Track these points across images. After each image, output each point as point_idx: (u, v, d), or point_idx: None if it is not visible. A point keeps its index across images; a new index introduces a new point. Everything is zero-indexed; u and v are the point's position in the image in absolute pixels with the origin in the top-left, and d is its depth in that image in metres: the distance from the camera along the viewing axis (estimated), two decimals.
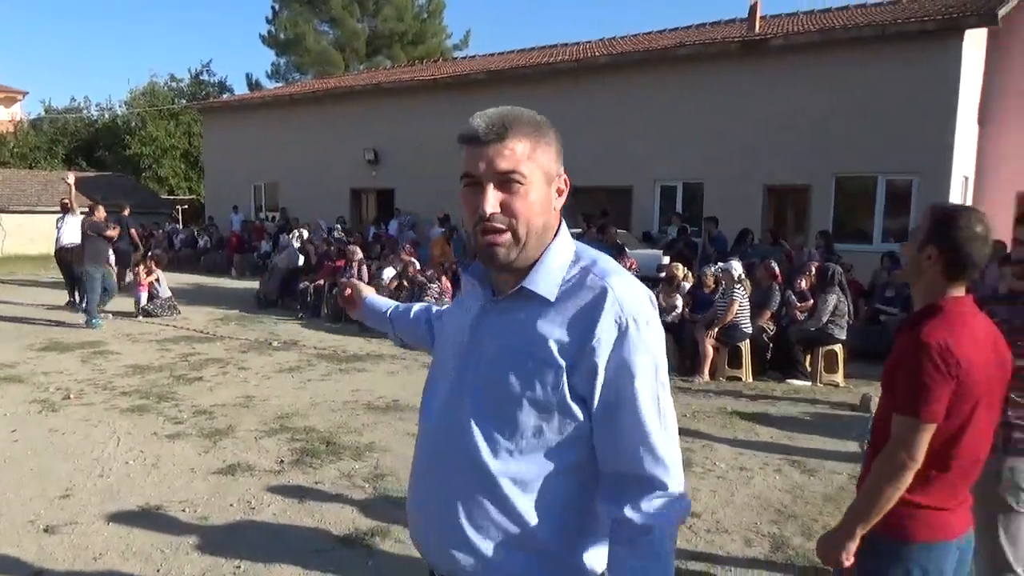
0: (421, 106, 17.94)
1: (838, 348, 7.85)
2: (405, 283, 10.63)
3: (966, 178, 13.35)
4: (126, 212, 13.23)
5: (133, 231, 14.22)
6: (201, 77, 37.25)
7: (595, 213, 13.07)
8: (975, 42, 12.33)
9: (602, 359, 1.25)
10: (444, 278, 10.56)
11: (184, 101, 33.60)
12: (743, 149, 13.34)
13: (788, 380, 7.83)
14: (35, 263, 19.62)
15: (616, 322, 1.25)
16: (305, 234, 14.61)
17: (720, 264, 8.50)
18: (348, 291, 2.12)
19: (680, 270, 9.08)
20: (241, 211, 21.14)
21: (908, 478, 1.85)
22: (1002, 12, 11.37)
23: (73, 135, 34.60)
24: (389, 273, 11.04)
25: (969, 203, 13.74)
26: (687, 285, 8.93)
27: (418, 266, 11.05)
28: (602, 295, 1.26)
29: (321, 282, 11.80)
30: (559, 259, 1.33)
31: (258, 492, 4.39)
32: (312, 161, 20.08)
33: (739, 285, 8.12)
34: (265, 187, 22.11)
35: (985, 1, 12.55)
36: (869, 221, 12.75)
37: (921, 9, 13.36)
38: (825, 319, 7.84)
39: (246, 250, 18.39)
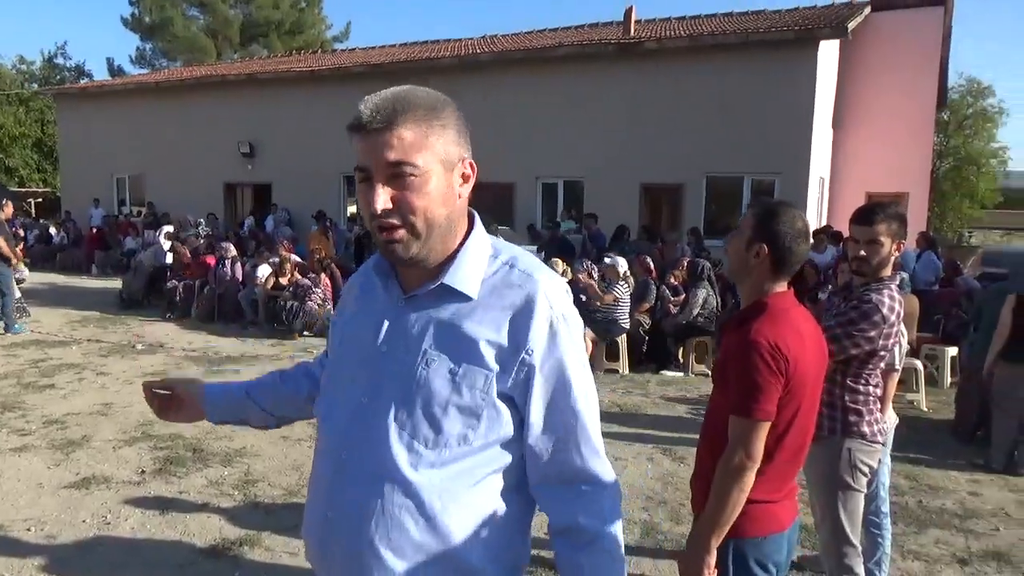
0: (299, 98, 17.35)
1: (708, 339, 8.24)
2: (283, 281, 10.22)
3: (822, 179, 14.34)
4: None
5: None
6: (55, 60, 34.63)
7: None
8: (829, 52, 13.25)
9: (538, 361, 1.19)
10: (324, 276, 10.27)
11: (36, 86, 31.04)
12: (620, 148, 13.74)
13: (662, 371, 8.15)
14: None
15: (549, 322, 1.20)
16: (170, 229, 13.84)
17: (606, 259, 8.69)
18: (160, 395, 1.59)
19: (560, 266, 9.24)
20: (103, 206, 19.77)
21: (751, 478, 1.87)
22: (851, 25, 12.28)
23: None
24: (264, 271, 10.59)
25: (825, 202, 14.81)
26: (566, 280, 9.10)
27: (297, 260, 10.66)
28: (533, 294, 1.20)
29: (191, 280, 11.22)
30: (478, 253, 1.24)
31: (115, 506, 4.11)
32: (182, 153, 18.99)
33: (623, 282, 8.34)
34: (129, 180, 20.72)
35: (837, 15, 13.52)
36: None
37: (781, 20, 14.23)
38: (695, 312, 8.21)
39: (108, 247, 17.21)
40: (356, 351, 1.29)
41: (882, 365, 2.65)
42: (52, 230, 19.23)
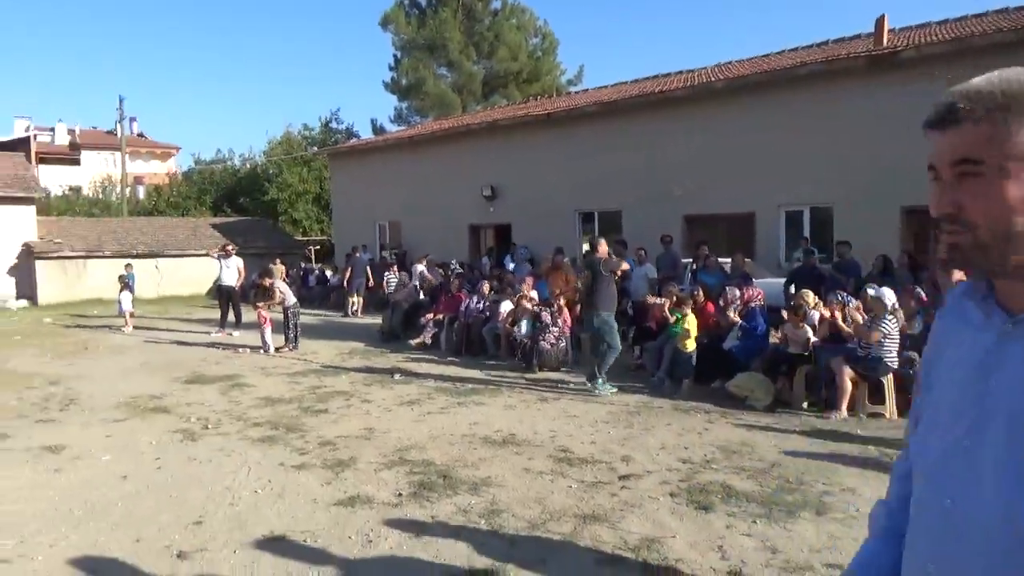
0: (535, 141, 18.16)
1: None
2: (521, 318, 10.56)
3: None
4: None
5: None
6: (330, 125, 39.56)
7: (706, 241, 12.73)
8: None
9: None
10: (564, 313, 10.36)
11: (315, 148, 35.71)
12: (876, 169, 12.53)
13: None
14: (186, 302, 20.99)
15: None
16: (419, 268, 15.17)
17: (870, 291, 7.83)
18: None
19: (810, 297, 8.58)
20: (368, 250, 22.06)
21: None
22: None
23: (219, 184, 37.62)
24: (506, 307, 11.09)
25: None
26: (816, 314, 8.39)
27: (535, 299, 10.98)
28: None
29: (441, 316, 12.03)
30: None
31: (376, 525, 4.43)
32: (432, 199, 20.74)
33: (891, 316, 7.48)
34: (388, 226, 23.00)
35: None
36: None
37: None
38: None
39: (372, 288, 19.05)
40: (953, 391, 1.13)
41: None
42: (328, 273, 21.78)
